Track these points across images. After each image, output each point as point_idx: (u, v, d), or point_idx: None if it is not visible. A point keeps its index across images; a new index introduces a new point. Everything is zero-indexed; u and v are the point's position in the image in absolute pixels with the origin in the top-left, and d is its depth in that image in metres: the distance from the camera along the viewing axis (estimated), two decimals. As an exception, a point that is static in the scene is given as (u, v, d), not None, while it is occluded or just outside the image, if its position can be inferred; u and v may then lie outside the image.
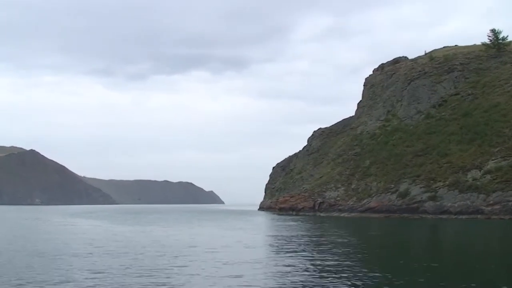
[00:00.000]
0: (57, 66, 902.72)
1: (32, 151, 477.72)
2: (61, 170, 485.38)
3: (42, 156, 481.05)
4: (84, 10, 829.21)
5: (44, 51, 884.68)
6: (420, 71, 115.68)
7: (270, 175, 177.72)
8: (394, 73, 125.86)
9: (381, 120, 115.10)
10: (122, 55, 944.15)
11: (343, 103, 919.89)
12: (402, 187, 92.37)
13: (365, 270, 22.76)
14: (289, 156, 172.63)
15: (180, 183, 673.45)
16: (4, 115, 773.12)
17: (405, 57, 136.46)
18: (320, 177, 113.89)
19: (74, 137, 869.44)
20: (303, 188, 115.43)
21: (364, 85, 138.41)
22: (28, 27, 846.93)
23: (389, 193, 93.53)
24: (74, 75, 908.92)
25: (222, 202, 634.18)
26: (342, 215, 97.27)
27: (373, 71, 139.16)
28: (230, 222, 76.38)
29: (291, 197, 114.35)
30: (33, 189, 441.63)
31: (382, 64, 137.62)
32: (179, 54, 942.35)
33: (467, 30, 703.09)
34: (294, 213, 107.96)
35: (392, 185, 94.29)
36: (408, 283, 19.89)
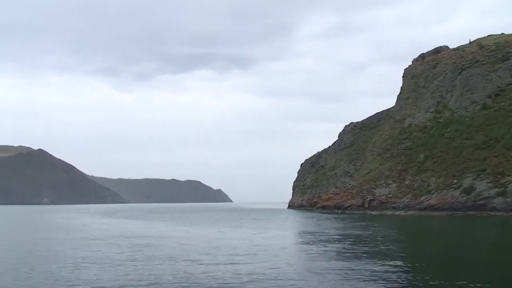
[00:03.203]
0: (62, 66, 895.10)
1: (40, 150, 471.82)
2: (69, 169, 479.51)
3: (50, 155, 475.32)
4: (89, 10, 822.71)
5: (49, 51, 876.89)
6: (470, 59, 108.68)
7: (298, 172, 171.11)
8: (437, 63, 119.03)
9: (431, 112, 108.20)
10: (127, 55, 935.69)
11: (348, 100, 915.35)
12: (466, 182, 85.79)
13: None
14: (318, 152, 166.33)
15: (188, 181, 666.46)
16: (11, 115, 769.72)
17: (446, 46, 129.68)
18: (367, 173, 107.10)
19: (82, 137, 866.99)
20: (349, 184, 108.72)
21: (403, 76, 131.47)
22: (33, 26, 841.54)
23: (452, 189, 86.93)
24: (79, 75, 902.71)
25: (231, 201, 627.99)
26: (397, 213, 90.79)
27: (412, 62, 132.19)
28: (289, 222, 69.90)
29: (335, 194, 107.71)
30: (41, 189, 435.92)
31: (422, 54, 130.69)
32: (184, 53, 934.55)
33: (472, 27, 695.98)
34: (339, 211, 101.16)
35: (454, 181, 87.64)
36: None
